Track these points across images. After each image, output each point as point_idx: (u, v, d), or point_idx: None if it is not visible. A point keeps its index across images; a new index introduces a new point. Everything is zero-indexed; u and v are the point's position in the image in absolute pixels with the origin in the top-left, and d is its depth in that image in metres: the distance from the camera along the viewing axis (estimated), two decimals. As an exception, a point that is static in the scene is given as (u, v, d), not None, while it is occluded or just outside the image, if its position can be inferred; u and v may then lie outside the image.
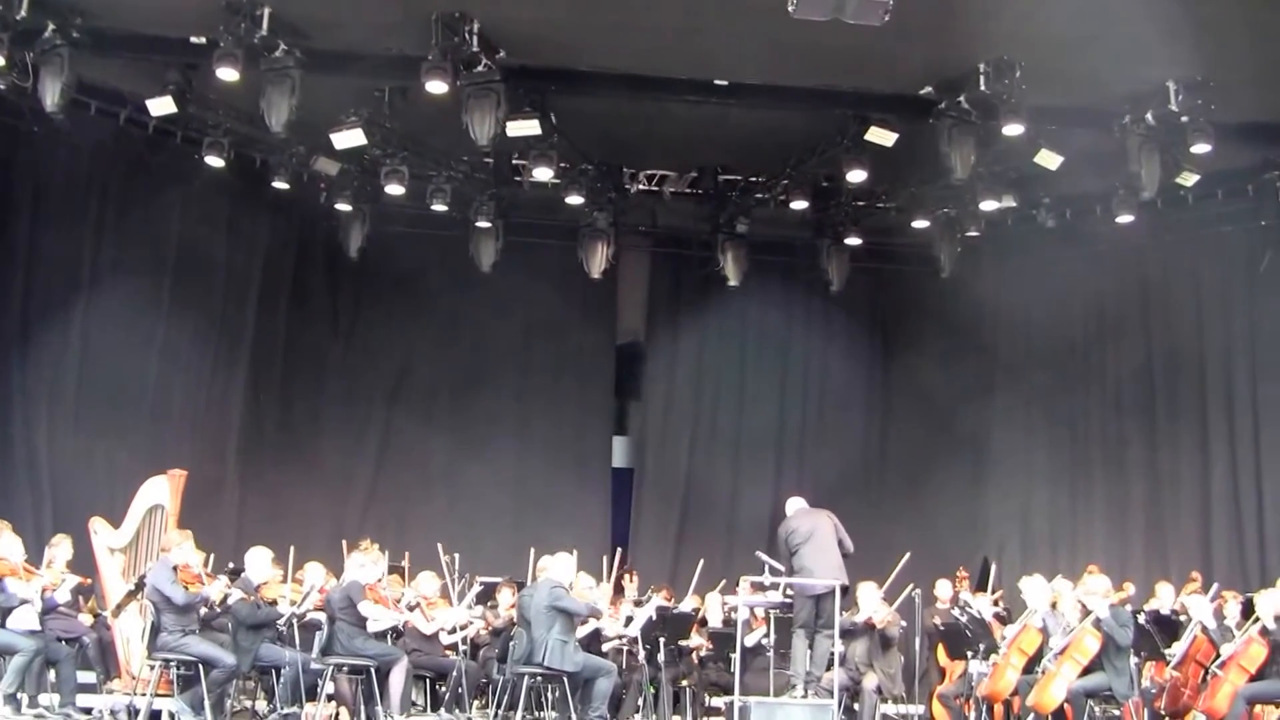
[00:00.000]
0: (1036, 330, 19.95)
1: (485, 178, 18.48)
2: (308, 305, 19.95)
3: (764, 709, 12.94)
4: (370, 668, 12.90)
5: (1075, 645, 12.99)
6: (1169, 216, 18.40)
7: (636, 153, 18.67)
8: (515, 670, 13.16)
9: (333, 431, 19.91)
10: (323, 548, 15.07)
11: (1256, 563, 17.78)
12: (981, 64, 14.76)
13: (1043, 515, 20.03)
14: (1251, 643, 13.18)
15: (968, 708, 14.49)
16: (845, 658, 14.24)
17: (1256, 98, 15.25)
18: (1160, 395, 19.32)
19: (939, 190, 18.26)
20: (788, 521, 13.96)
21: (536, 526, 18.31)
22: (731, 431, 21.10)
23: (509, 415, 20.61)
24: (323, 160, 17.64)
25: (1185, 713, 14.11)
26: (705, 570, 15.97)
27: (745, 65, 15.42)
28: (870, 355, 21.27)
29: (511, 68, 14.88)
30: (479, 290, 19.94)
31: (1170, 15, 13.40)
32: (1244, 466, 18.34)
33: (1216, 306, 18.87)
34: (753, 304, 20.85)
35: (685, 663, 14.82)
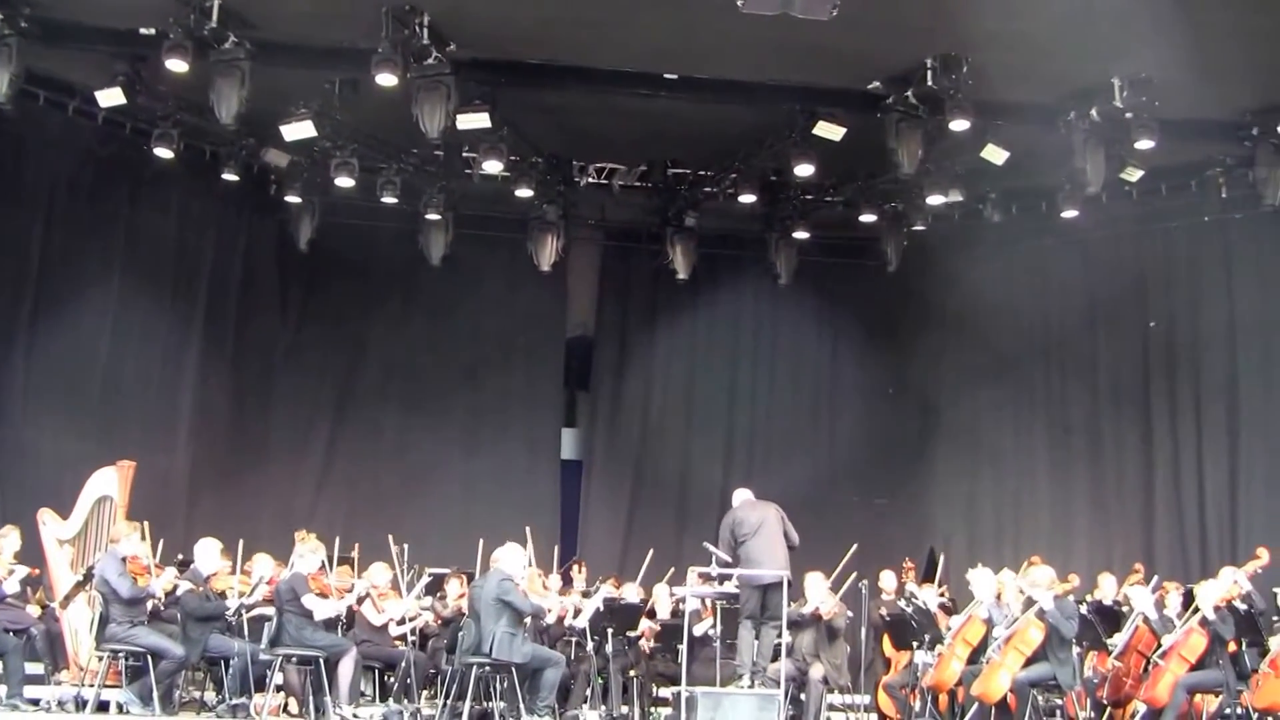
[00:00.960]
0: (982, 324, 20.05)
1: (435, 170, 18.49)
2: (258, 297, 19.87)
3: (711, 699, 12.98)
4: (319, 658, 12.87)
5: (1019, 636, 13.08)
6: (1113, 211, 18.58)
7: (586, 146, 18.72)
8: (463, 661, 13.15)
9: (282, 423, 19.87)
10: (272, 539, 15.03)
11: (1197, 554, 18.00)
12: (929, 59, 14.91)
13: (988, 507, 20.17)
14: (1192, 633, 13.35)
15: (913, 698, 14.57)
16: (792, 648, 14.31)
17: (1199, 94, 15.42)
18: (1103, 389, 19.49)
19: (886, 184, 18.41)
20: (734, 512, 14.00)
21: (486, 518, 18.28)
22: (681, 424, 21.17)
23: (459, 407, 20.60)
24: (273, 152, 17.61)
25: (1127, 702, 14.28)
26: (655, 561, 16.04)
27: (694, 59, 15.48)
28: (818, 348, 21.36)
29: (461, 61, 14.90)
30: (429, 282, 19.94)
31: (1115, 13, 13.56)
32: (1186, 460, 18.55)
33: (1159, 300, 19.05)
34: (702, 297, 20.94)
35: (633, 653, 14.85)
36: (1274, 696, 13.19)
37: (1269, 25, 13.63)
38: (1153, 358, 19.08)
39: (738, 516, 13.85)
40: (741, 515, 13.84)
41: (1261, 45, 14.09)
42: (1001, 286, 20.02)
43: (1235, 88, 15.18)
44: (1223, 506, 18.12)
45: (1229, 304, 18.49)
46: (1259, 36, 13.88)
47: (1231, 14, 13.35)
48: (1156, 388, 18.97)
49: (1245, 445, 18.16)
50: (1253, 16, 13.45)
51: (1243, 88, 15.21)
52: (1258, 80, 15.00)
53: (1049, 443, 19.87)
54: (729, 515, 13.95)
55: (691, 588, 14.18)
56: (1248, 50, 14.14)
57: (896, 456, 20.69)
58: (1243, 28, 13.64)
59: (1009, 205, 19.07)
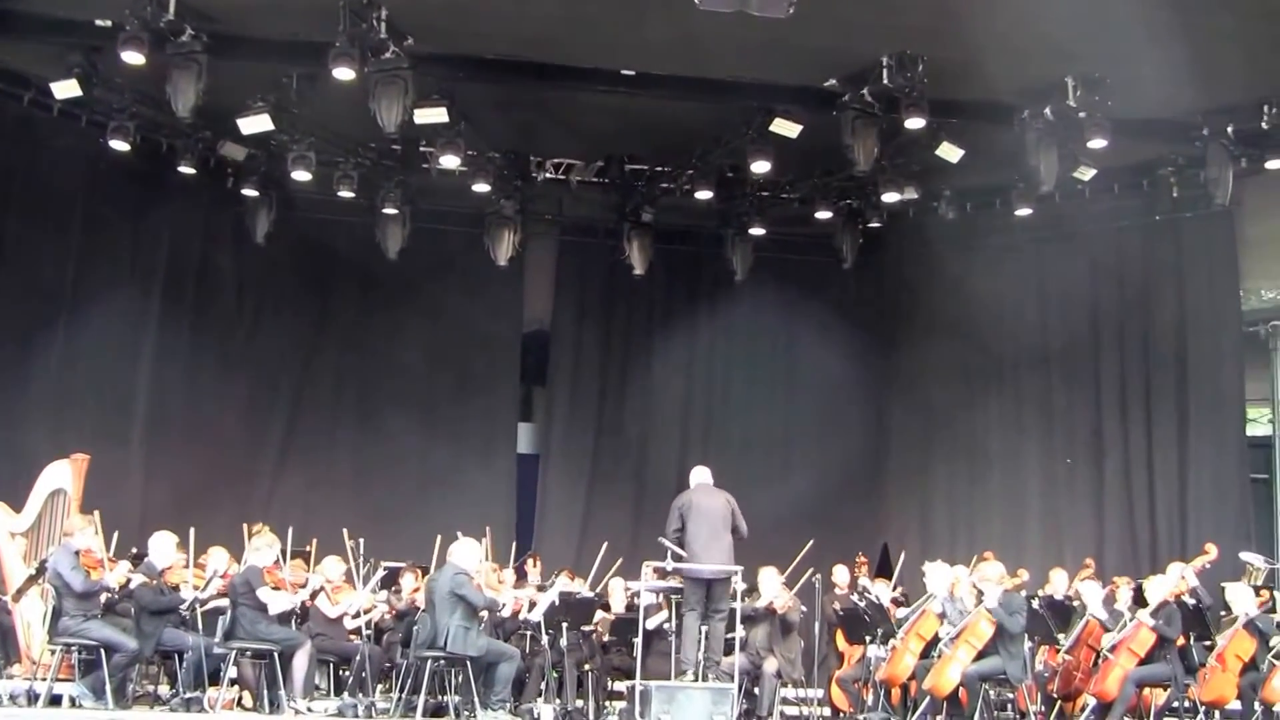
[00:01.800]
0: (936, 320, 20.18)
1: (392, 164, 18.49)
2: (214, 290, 19.77)
3: (665, 693, 13.01)
4: (273, 652, 12.87)
5: (970, 630, 13.20)
6: (1066, 210, 18.74)
7: (543, 141, 18.76)
8: (418, 655, 13.18)
9: (238, 416, 19.78)
10: (227, 532, 15.00)
11: (1148, 550, 18.16)
12: (884, 58, 14.98)
13: (942, 503, 20.29)
14: (1141, 628, 13.50)
15: (866, 692, 14.67)
16: (746, 642, 14.37)
17: (1151, 95, 15.56)
18: (1056, 386, 19.63)
19: (842, 182, 18.53)
20: (685, 495, 13.98)
21: (442, 512, 18.29)
22: (637, 419, 21.20)
23: (415, 401, 20.57)
24: (229, 145, 17.59)
25: (1077, 695, 14.43)
26: (610, 555, 16.08)
27: (652, 56, 15.53)
28: (774, 344, 21.42)
29: (419, 55, 14.89)
30: (385, 277, 19.91)
31: (1069, 13, 13.67)
32: (1136, 457, 18.71)
33: (1111, 299, 19.19)
34: (658, 292, 21.01)
35: (588, 647, 14.89)
36: (1221, 690, 13.37)
37: (1219, 27, 13.77)
38: (1104, 355, 19.22)
39: (688, 499, 13.84)
40: (693, 498, 13.83)
41: (1212, 47, 14.22)
42: (955, 284, 20.10)
43: (1186, 88, 15.29)
44: (1172, 503, 18.30)
45: (1179, 302, 18.67)
46: (1210, 38, 14.01)
47: (1182, 15, 13.46)
48: (1108, 385, 19.11)
49: (1195, 442, 18.33)
50: (1203, 18, 13.58)
51: (1193, 89, 15.32)
52: (1208, 81, 15.12)
53: (1001, 439, 19.98)
54: (681, 497, 13.92)
55: (646, 582, 14.21)
56: (1198, 51, 14.25)
57: (852, 452, 20.76)
58: (1194, 29, 13.76)
59: (963, 203, 19.26)
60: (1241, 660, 13.46)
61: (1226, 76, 15.05)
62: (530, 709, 13.71)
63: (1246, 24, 13.65)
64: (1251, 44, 14.16)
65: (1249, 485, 18.66)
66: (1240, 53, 14.43)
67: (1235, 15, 13.52)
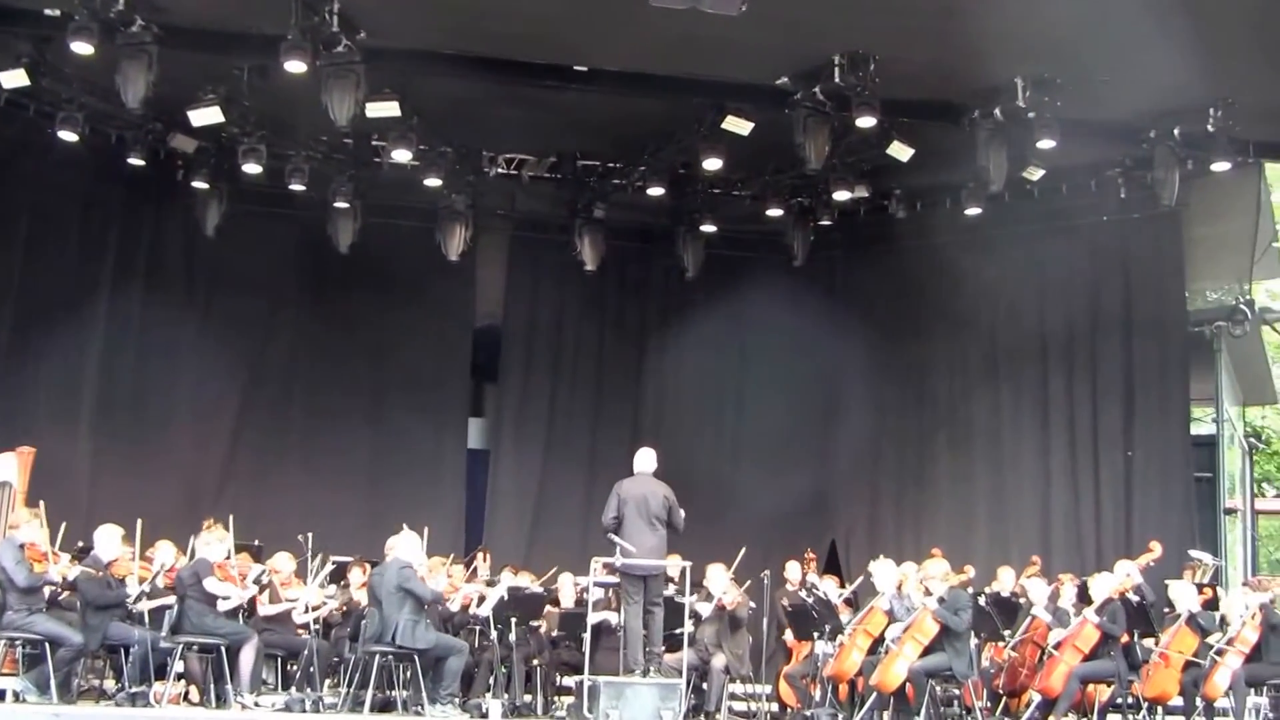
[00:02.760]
0: (885, 319, 20.25)
1: (344, 158, 18.45)
2: (163, 282, 19.65)
3: (613, 688, 13.06)
4: (220, 646, 12.86)
5: (916, 626, 13.32)
6: (1015, 210, 18.85)
7: (496, 136, 18.73)
8: (367, 649, 13.19)
9: (187, 409, 19.66)
10: (175, 526, 14.95)
11: (1093, 547, 18.28)
12: (836, 56, 14.98)
13: (889, 500, 20.37)
14: (1086, 624, 13.64)
15: (813, 687, 14.77)
16: (694, 638, 14.45)
17: (1100, 96, 15.64)
18: (1004, 384, 19.70)
19: (793, 179, 18.59)
20: (626, 482, 14.03)
21: (392, 507, 18.26)
22: (588, 414, 21.21)
23: (365, 396, 20.53)
24: (179, 137, 17.48)
25: (1022, 692, 14.55)
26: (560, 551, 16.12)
27: (604, 52, 15.54)
28: (725, 340, 21.44)
29: (372, 49, 14.81)
30: (336, 270, 19.84)
31: (1018, 13, 13.75)
32: (1082, 455, 18.82)
33: (1059, 298, 19.30)
34: (610, 289, 21.02)
35: (536, 642, 14.92)
36: (1163, 686, 13.55)
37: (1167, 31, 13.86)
38: (1051, 354, 19.32)
39: (627, 488, 13.89)
40: (631, 488, 13.88)
41: (1159, 51, 14.32)
42: (905, 282, 20.25)
43: (1134, 91, 15.42)
44: (1117, 501, 18.41)
45: (1126, 302, 18.79)
46: (1157, 42, 14.10)
47: (1131, 19, 13.56)
48: (1055, 383, 19.21)
49: (1140, 441, 18.46)
50: (1152, 22, 13.67)
51: (1141, 91, 15.44)
52: (1155, 84, 15.23)
53: (949, 436, 20.08)
54: (618, 486, 13.97)
55: (595, 577, 14.26)
56: (1146, 55, 14.36)
57: (801, 448, 20.82)
58: (1142, 33, 13.86)
59: (914, 202, 19.37)
60: (1184, 657, 13.62)
61: (1174, 80, 15.14)
62: (478, 704, 13.73)
63: (1194, 29, 13.75)
64: (1199, 49, 14.25)
65: (1193, 484, 18.83)
66: (1187, 57, 14.52)
67: (1184, 20, 13.60)
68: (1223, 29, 13.77)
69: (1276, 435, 31.21)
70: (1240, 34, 13.87)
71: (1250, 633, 13.50)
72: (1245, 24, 13.60)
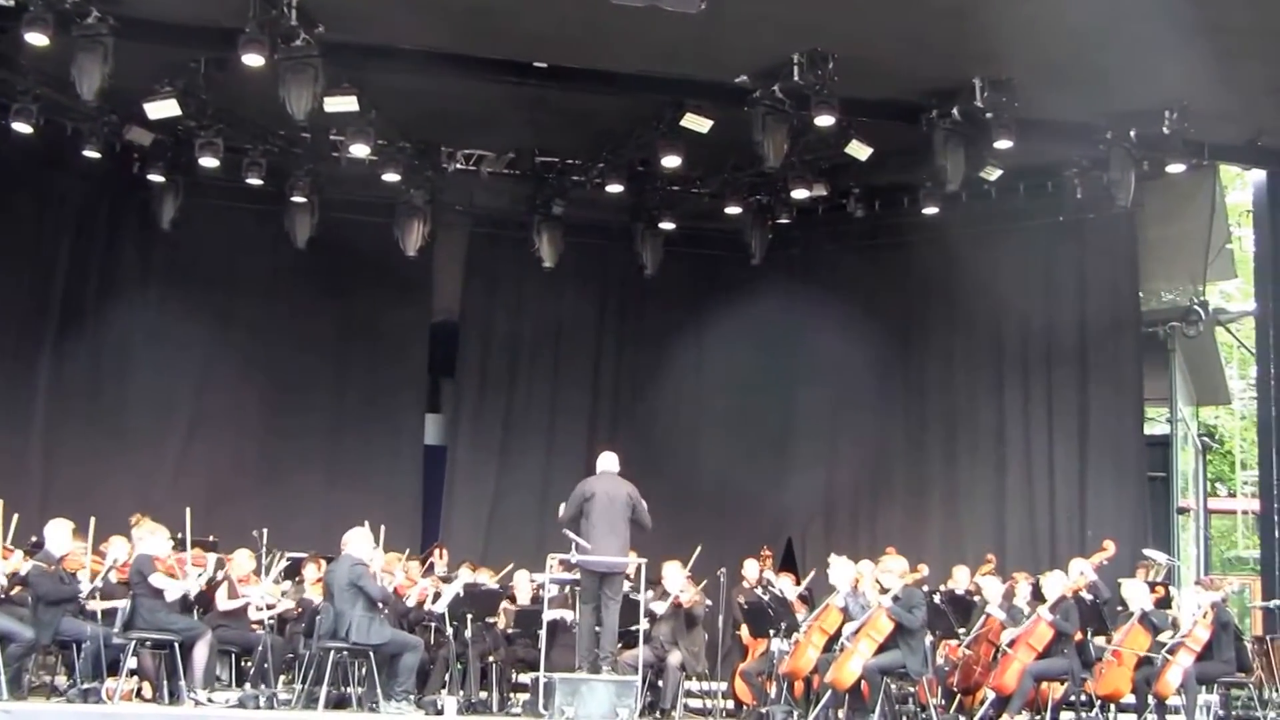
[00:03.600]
0: (843, 317, 20.24)
1: (302, 152, 18.38)
2: (119, 276, 19.57)
3: (569, 685, 13.08)
4: (174, 642, 12.81)
5: (871, 623, 13.35)
6: (973, 209, 18.93)
7: (454, 132, 18.71)
8: (321, 646, 13.15)
9: (142, 404, 19.54)
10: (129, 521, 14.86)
11: (1047, 545, 18.38)
12: (795, 55, 15.03)
13: (845, 498, 20.41)
14: (1039, 622, 13.71)
15: (769, 685, 14.79)
16: (650, 635, 14.44)
17: (1057, 97, 15.77)
18: (960, 384, 19.80)
19: (751, 177, 18.63)
20: (589, 482, 14.08)
21: (348, 502, 18.23)
22: (545, 411, 21.18)
23: (322, 390, 20.47)
24: (136, 130, 17.40)
25: (977, 689, 14.62)
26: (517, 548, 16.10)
27: (564, 49, 15.54)
28: (681, 337, 21.48)
29: (330, 43, 14.77)
30: (294, 265, 19.77)
31: (976, 15, 13.83)
32: (1037, 454, 18.92)
33: (1015, 297, 19.37)
34: (568, 285, 20.97)
35: (492, 638, 14.90)
36: (1116, 684, 13.65)
37: (1124, 35, 13.97)
38: (1007, 353, 19.42)
39: (590, 487, 13.94)
40: (594, 487, 13.93)
41: (1116, 53, 14.44)
42: (862, 280, 20.31)
43: (1090, 92, 15.51)
44: (1072, 500, 18.53)
45: (1081, 302, 18.90)
46: (1113, 45, 14.22)
47: (1088, 22, 13.66)
48: (1011, 382, 19.31)
49: (1094, 440, 18.58)
50: (1108, 26, 13.78)
51: (1097, 92, 15.54)
52: (1112, 85, 15.34)
53: (905, 434, 20.15)
54: (583, 484, 14.04)
55: (551, 574, 14.26)
56: (1103, 57, 14.47)
57: (756, 446, 20.85)
58: (1099, 36, 13.97)
59: (872, 201, 19.42)
60: (1136, 655, 13.73)
61: (1130, 82, 15.26)
62: (434, 700, 13.69)
63: (1150, 33, 13.85)
64: (1154, 52, 14.37)
65: (1146, 483, 18.99)
66: (1143, 60, 14.64)
67: (1139, 24, 13.70)
68: (1178, 33, 13.84)
69: (1229, 435, 31.38)
70: (1195, 37, 13.94)
71: (1202, 631, 13.59)
72: (1200, 27, 13.66)
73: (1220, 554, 30.41)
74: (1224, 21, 13.59)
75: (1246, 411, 28.83)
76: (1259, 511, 19.58)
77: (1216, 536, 29.80)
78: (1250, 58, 14.39)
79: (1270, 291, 18.36)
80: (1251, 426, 26.51)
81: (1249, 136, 16.84)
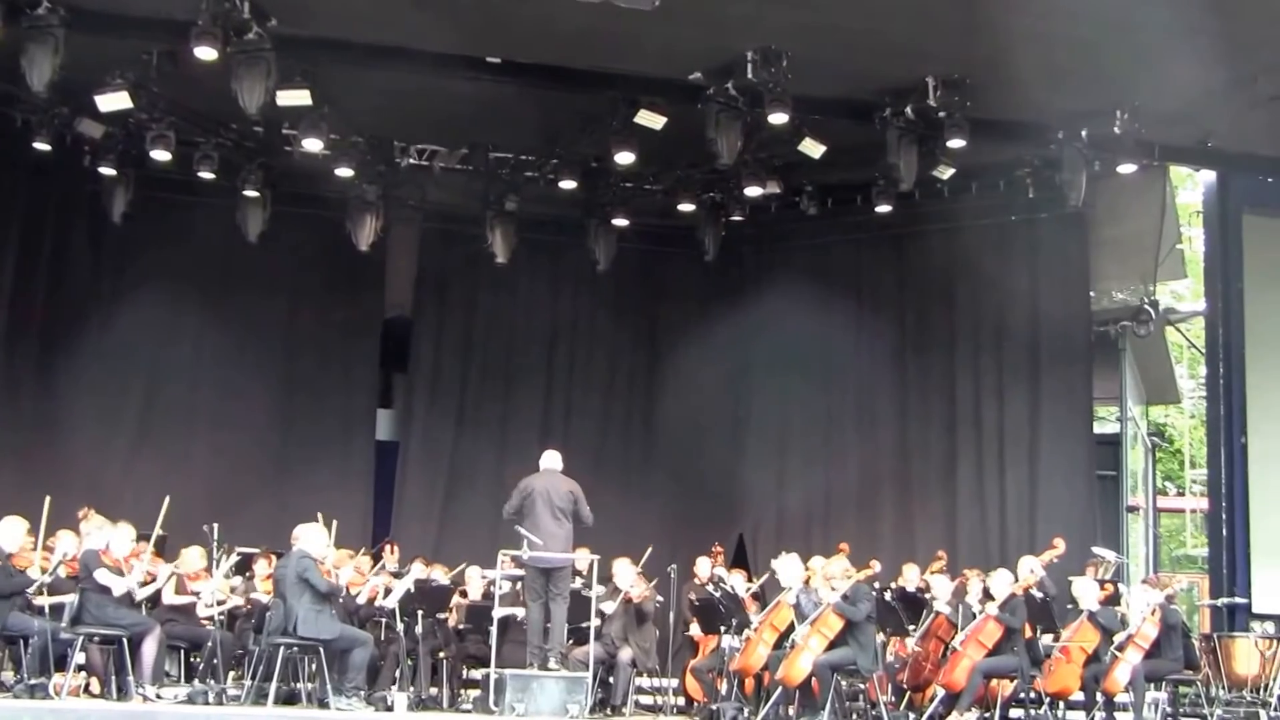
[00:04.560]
0: (796, 314, 20.27)
1: (254, 146, 18.28)
2: (68, 269, 19.44)
3: (520, 681, 13.12)
4: (122, 638, 12.75)
5: (821, 621, 13.41)
6: (925, 208, 19.02)
7: (408, 127, 18.66)
8: (271, 641, 13.12)
9: (92, 398, 19.40)
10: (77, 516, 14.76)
11: (998, 543, 18.47)
12: (749, 52, 15.04)
13: (797, 495, 20.42)
14: (989, 620, 13.79)
15: (720, 681, 14.83)
16: (600, 632, 14.47)
17: (1009, 97, 15.83)
18: (911, 380, 19.86)
19: (705, 174, 18.63)
20: (531, 478, 14.14)
21: (299, 497, 18.19)
22: (498, 407, 21.14)
23: (273, 385, 20.36)
24: (86, 122, 17.23)
25: (926, 686, 14.70)
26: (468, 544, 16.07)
27: (518, 44, 15.49)
28: (636, 334, 21.52)
29: (283, 36, 14.68)
30: (245, 259, 19.65)
31: (930, 14, 13.90)
32: (988, 453, 19.01)
33: (967, 295, 19.48)
34: (521, 281, 20.93)
35: (443, 634, 14.89)
36: (1065, 681, 13.74)
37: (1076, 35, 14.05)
38: (959, 351, 19.51)
39: (532, 484, 14.02)
40: (534, 485, 13.99)
41: (1068, 54, 14.52)
42: (815, 278, 20.33)
43: (1042, 92, 15.59)
44: (1022, 498, 18.62)
45: (1033, 301, 18.99)
46: (1066, 45, 14.30)
47: (1040, 22, 13.72)
48: (962, 380, 19.39)
49: (1045, 439, 18.67)
50: (1061, 26, 13.85)
51: (1049, 93, 15.62)
52: (1064, 86, 15.42)
53: (856, 431, 20.20)
54: (525, 480, 14.11)
55: (502, 570, 14.27)
56: (1055, 57, 14.55)
57: (708, 443, 20.89)
58: (1052, 36, 14.03)
59: (825, 198, 19.44)
60: (1085, 652, 13.85)
61: (1081, 83, 15.34)
62: (384, 696, 13.68)
63: (1102, 34, 13.95)
64: (1106, 53, 14.47)
65: (1096, 481, 19.11)
66: (1095, 60, 14.73)
67: (1091, 25, 13.80)
68: (1128, 35, 13.95)
69: (1179, 434, 31.60)
70: (1145, 39, 14.04)
71: (1150, 629, 13.71)
72: (1150, 29, 13.76)
73: (1169, 552, 30.61)
74: (1174, 23, 13.67)
75: (1196, 411, 29.05)
76: (1207, 510, 19.78)
77: (1165, 535, 30.01)
78: (1200, 60, 14.47)
79: (1219, 291, 18.56)
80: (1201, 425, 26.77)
81: (1199, 138, 16.95)
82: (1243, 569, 17.58)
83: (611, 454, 20.73)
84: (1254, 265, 18.32)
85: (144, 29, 15.11)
